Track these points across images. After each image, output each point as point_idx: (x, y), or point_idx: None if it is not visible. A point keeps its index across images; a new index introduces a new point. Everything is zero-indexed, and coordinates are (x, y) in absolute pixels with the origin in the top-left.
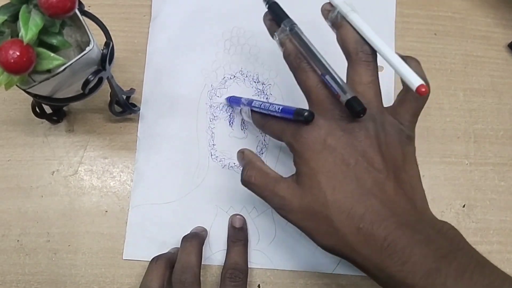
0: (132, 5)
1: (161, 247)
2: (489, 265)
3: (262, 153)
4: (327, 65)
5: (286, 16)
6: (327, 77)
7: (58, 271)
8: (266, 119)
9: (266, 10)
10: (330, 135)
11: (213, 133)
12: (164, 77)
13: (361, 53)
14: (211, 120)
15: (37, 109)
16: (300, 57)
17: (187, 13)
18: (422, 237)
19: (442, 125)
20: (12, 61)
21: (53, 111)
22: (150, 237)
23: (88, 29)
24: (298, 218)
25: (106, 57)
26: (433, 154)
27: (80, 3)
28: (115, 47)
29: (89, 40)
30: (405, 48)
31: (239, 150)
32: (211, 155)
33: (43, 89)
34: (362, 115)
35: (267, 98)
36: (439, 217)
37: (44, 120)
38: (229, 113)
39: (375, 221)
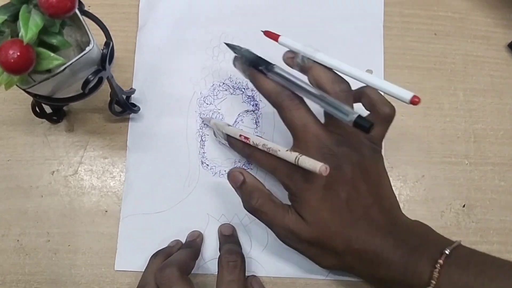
0: (132, 5)
1: None
2: (452, 243)
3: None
4: (319, 93)
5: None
6: (324, 103)
7: (58, 271)
8: (251, 149)
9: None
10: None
11: (203, 140)
12: (152, 86)
13: (340, 92)
14: (201, 128)
15: (37, 109)
16: (282, 95)
17: (174, 21)
18: (399, 241)
19: (442, 125)
20: (12, 61)
21: (53, 111)
22: (142, 248)
23: (88, 29)
24: (304, 247)
25: (106, 57)
26: (433, 154)
27: (80, 3)
28: (115, 47)
29: (89, 40)
30: (405, 48)
31: (234, 171)
32: (202, 163)
33: (43, 89)
34: (372, 129)
35: (256, 105)
36: (439, 217)
37: (44, 120)
38: None
39: (366, 240)
